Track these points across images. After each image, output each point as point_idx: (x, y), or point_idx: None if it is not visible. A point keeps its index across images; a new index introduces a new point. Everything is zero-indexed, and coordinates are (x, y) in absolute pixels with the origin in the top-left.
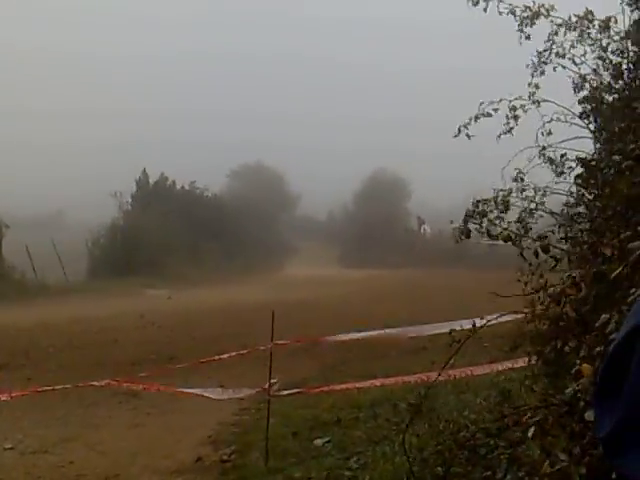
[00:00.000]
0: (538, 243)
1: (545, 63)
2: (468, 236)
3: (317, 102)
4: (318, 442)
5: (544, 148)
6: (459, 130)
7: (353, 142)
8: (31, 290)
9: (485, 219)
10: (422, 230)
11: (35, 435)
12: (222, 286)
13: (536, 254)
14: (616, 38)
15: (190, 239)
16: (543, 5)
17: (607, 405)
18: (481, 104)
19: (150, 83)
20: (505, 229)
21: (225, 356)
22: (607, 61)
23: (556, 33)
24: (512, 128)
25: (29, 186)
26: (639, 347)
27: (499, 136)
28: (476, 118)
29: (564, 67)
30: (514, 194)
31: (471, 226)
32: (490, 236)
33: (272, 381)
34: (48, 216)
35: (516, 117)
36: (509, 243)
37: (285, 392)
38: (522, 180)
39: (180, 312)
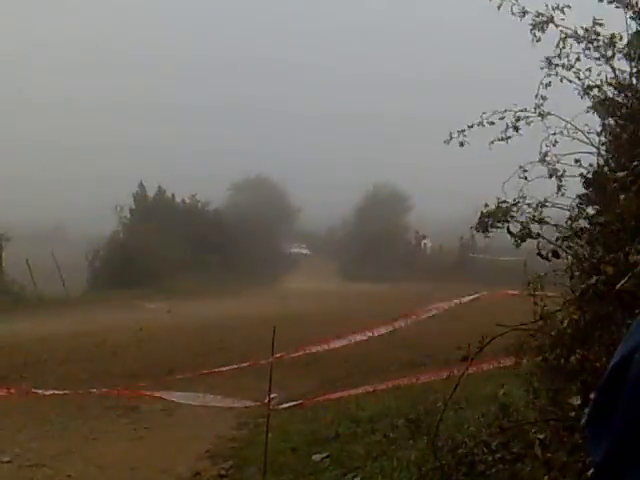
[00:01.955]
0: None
1: (551, 75)
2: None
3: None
4: (316, 457)
5: (545, 161)
6: (451, 137)
7: (353, 154)
8: (30, 303)
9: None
10: (422, 245)
11: (33, 448)
12: (222, 299)
13: (547, 258)
14: (620, 53)
15: (190, 252)
16: (557, 7)
17: (601, 428)
18: (483, 114)
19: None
20: (525, 227)
21: (225, 369)
22: (612, 75)
23: (563, 44)
24: (509, 137)
25: (29, 200)
26: (634, 369)
27: (492, 143)
28: (470, 127)
29: (570, 81)
30: (515, 209)
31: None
32: (510, 234)
33: (272, 396)
34: (48, 229)
35: (516, 128)
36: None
37: (284, 405)
38: (524, 198)
39: (179, 325)
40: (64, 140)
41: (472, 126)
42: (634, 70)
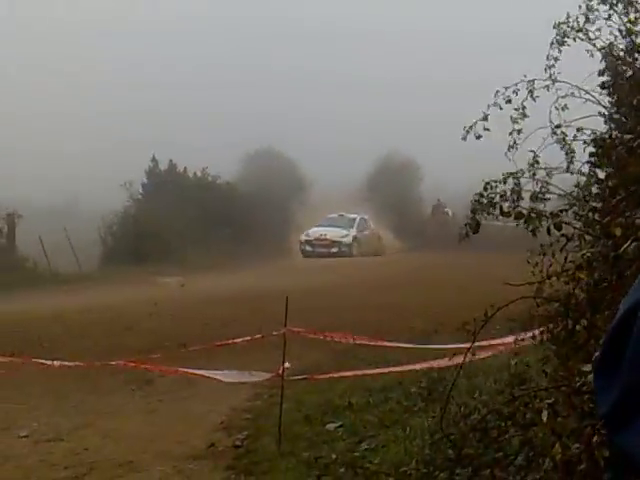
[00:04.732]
0: (550, 221)
1: (563, 37)
2: (477, 230)
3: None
4: (330, 426)
5: (557, 127)
6: (467, 132)
7: (366, 120)
8: (44, 279)
9: (497, 206)
10: (446, 213)
11: (50, 423)
12: (235, 272)
13: (548, 231)
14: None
15: (202, 226)
16: None
17: (608, 380)
18: (497, 92)
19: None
20: (517, 206)
21: (239, 340)
22: (622, 36)
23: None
24: (524, 108)
25: (41, 176)
26: None
27: (514, 122)
28: (485, 118)
29: (581, 39)
30: (526, 175)
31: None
32: (502, 213)
33: (285, 366)
34: (60, 205)
35: (532, 92)
36: (521, 222)
37: (297, 377)
38: (537, 163)
39: (193, 299)
40: (75, 113)
41: (486, 117)
42: None
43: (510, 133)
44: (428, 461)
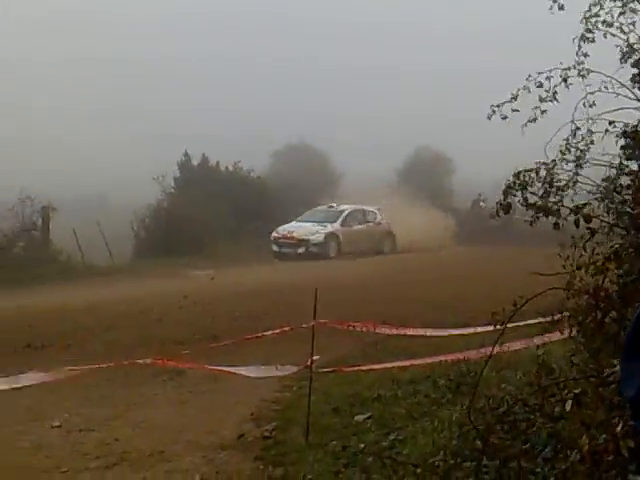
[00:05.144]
0: (578, 215)
1: (591, 31)
2: (507, 211)
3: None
4: (359, 418)
5: (588, 120)
6: (493, 111)
7: (396, 114)
8: (77, 272)
9: (526, 191)
10: (480, 205)
11: (81, 414)
12: (265, 266)
13: (577, 224)
14: None
15: (233, 220)
16: None
17: (634, 366)
18: (529, 77)
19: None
20: (542, 197)
21: (268, 333)
22: None
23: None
24: (555, 93)
25: (75, 170)
26: None
27: (542, 101)
28: (514, 98)
29: (613, 35)
30: (558, 167)
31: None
32: (528, 205)
33: (314, 358)
34: (94, 199)
35: (565, 80)
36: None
37: (326, 369)
38: (569, 151)
39: (223, 292)
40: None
41: (515, 97)
42: None
43: (534, 108)
44: (456, 452)
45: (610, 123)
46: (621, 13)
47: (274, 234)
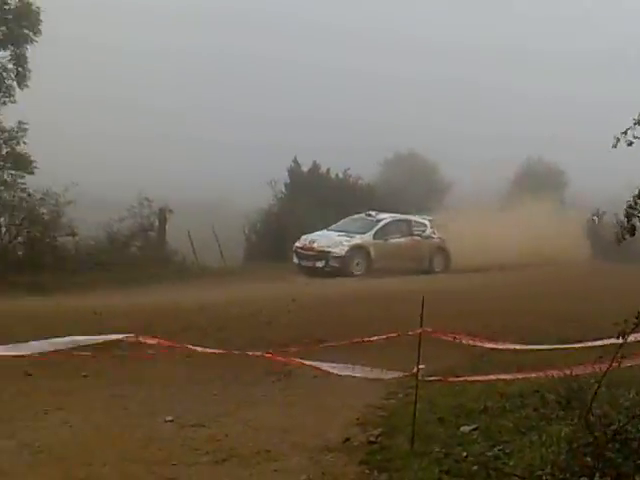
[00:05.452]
0: None
1: None
2: (633, 234)
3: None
4: (465, 429)
5: None
6: (618, 139)
7: (503, 129)
8: (191, 273)
9: None
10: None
11: (193, 410)
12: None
13: None
14: None
15: None
16: None
17: None
18: None
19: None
20: None
21: (375, 338)
22: None
23: None
24: None
25: (191, 177)
26: None
27: None
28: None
29: None
30: None
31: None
32: None
33: (420, 366)
34: (208, 203)
35: None
36: None
37: (432, 378)
38: None
39: (330, 296)
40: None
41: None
42: None
43: None
44: (565, 468)
45: None
46: None
47: (297, 243)
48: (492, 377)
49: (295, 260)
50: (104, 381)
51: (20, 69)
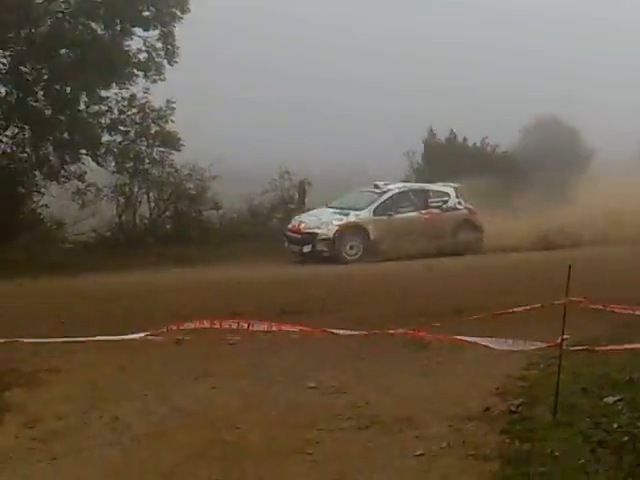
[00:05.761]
0: None
1: None
2: None
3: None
4: (609, 400)
5: None
6: None
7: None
8: None
9: None
10: None
11: (333, 377)
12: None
13: None
14: None
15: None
16: None
17: None
18: None
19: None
20: None
21: (519, 309)
22: None
23: None
24: None
25: (329, 151)
26: None
27: None
28: None
29: None
30: None
31: None
32: None
33: (564, 337)
34: (345, 175)
35: None
36: None
37: (576, 348)
38: None
39: (467, 267)
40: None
41: None
42: None
43: None
44: None
45: None
46: None
47: (289, 225)
48: (638, 346)
49: (285, 244)
50: (247, 349)
51: (169, 47)
